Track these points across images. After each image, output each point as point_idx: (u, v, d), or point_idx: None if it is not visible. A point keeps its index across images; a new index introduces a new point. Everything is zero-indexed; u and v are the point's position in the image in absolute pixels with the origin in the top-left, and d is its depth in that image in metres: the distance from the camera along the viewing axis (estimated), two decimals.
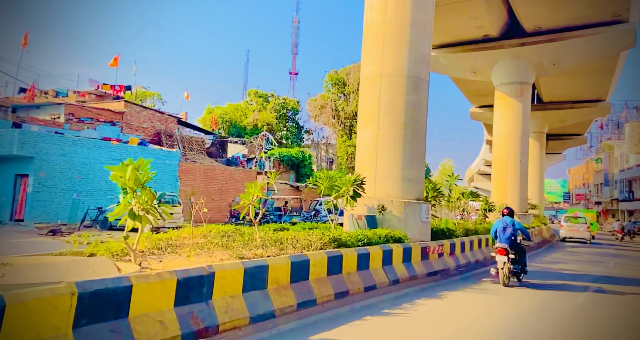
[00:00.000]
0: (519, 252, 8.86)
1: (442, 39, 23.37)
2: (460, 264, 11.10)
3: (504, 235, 8.84)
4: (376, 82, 10.27)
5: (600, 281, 10.37)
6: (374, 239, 8.23)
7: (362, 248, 7.53)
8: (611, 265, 13.97)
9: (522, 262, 8.91)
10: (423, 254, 9.50)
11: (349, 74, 41.26)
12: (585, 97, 33.26)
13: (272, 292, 5.20)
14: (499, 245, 8.77)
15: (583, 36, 21.12)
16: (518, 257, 8.80)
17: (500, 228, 8.97)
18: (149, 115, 22.31)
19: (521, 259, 8.87)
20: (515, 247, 8.82)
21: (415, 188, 10.37)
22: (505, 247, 8.64)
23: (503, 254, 8.54)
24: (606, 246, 24.31)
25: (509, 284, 8.62)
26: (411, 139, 10.26)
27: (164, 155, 20.17)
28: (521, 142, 22.81)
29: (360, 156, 10.62)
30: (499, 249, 8.65)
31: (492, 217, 21.06)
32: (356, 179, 9.02)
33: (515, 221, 9.08)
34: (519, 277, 9.01)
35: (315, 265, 6.15)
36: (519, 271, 8.90)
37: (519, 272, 8.91)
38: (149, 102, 49.15)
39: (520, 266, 8.88)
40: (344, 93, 41.37)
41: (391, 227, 9.81)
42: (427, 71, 10.65)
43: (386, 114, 10.15)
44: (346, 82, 40.97)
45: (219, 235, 6.52)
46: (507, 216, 9.17)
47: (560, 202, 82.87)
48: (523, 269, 8.97)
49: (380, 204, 9.81)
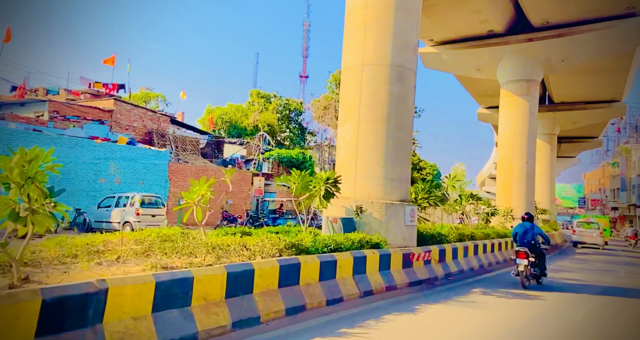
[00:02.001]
0: (539, 256, 9.21)
1: (445, 35, 22.39)
2: (451, 272, 10.10)
3: (524, 239, 9.20)
4: (357, 71, 9.39)
5: (607, 293, 9.27)
6: (345, 245, 7.32)
7: (327, 255, 6.63)
8: (622, 274, 12.78)
9: (542, 265, 9.31)
10: (405, 261, 8.55)
11: None
12: (599, 98, 31.82)
13: (198, 311, 4.34)
14: (520, 248, 9.02)
15: (594, 30, 19.91)
16: (538, 261, 9.18)
17: (521, 232, 9.31)
18: (140, 114, 21.75)
19: (541, 262, 9.28)
20: (535, 251, 9.12)
21: (400, 188, 9.43)
22: (525, 250, 8.91)
23: (523, 257, 8.84)
24: (619, 252, 23.10)
25: (527, 286, 8.90)
26: (395, 134, 9.34)
27: (153, 154, 19.54)
28: (528, 143, 21.62)
29: (340, 153, 9.74)
30: (520, 252, 8.92)
31: (495, 221, 19.95)
32: (329, 177, 8.14)
33: (535, 225, 9.43)
34: (538, 279, 9.36)
35: (263, 276, 5.28)
36: (538, 274, 9.27)
37: (538, 274, 9.28)
38: (152, 103, 48.99)
39: (540, 269, 9.27)
40: None
41: (371, 231, 8.89)
42: (414, 60, 9.73)
43: (367, 107, 9.26)
44: None
45: (159, 240, 5.68)
46: (527, 221, 9.52)
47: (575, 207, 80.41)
48: (543, 271, 9.34)
49: (358, 206, 8.90)
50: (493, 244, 13.47)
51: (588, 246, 25.13)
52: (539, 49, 21.15)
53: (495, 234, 14.59)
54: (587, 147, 50.52)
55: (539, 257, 9.22)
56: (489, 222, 17.68)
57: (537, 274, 9.21)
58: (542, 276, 9.35)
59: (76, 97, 23.37)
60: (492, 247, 13.41)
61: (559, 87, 29.98)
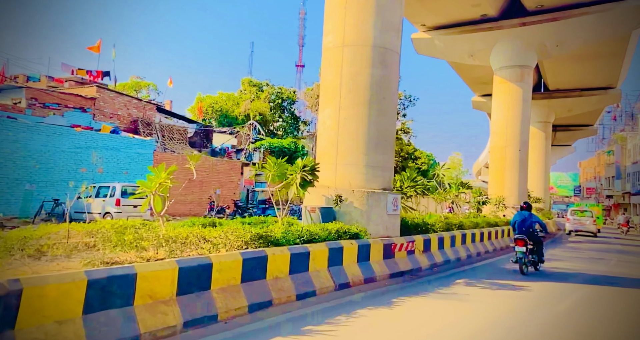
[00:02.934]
0: (537, 243, 9.52)
1: (437, 19, 21.79)
2: (437, 263, 9.78)
3: (522, 227, 9.44)
4: (337, 53, 8.91)
5: (596, 282, 9.00)
6: (321, 235, 6.95)
7: (299, 247, 6.25)
8: (613, 262, 12.53)
9: (540, 252, 9.61)
10: (386, 251, 8.20)
11: None
12: (594, 84, 31.38)
13: (142, 311, 3.95)
14: (518, 236, 9.27)
15: (589, 14, 19.37)
16: (535, 248, 9.47)
17: (519, 221, 9.57)
18: (125, 101, 21.14)
19: (538, 249, 9.56)
20: (533, 238, 9.44)
21: (382, 176, 9.03)
22: (524, 238, 9.19)
23: (522, 245, 9.12)
24: (612, 240, 23.05)
25: (526, 273, 9.20)
26: (377, 119, 8.90)
27: (137, 143, 19.02)
28: (521, 130, 21.23)
29: (321, 140, 9.31)
30: (518, 240, 9.19)
31: (487, 210, 19.67)
32: (306, 164, 7.73)
33: (533, 214, 9.69)
34: (536, 266, 9.69)
35: (223, 270, 4.90)
36: (536, 261, 9.59)
37: (536, 261, 9.59)
38: (144, 92, 48.16)
39: (538, 256, 9.56)
40: None
41: (352, 220, 8.52)
42: (398, 41, 9.24)
43: (348, 90, 8.80)
44: None
45: (112, 233, 5.27)
46: (525, 210, 9.80)
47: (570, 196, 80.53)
48: (540, 258, 9.65)
49: (337, 195, 8.51)
50: (482, 233, 13.17)
51: (582, 234, 25.42)
52: (533, 34, 20.61)
53: (485, 223, 14.28)
54: (582, 135, 50.27)
55: (537, 245, 9.53)
56: (480, 211, 17.39)
57: (534, 260, 9.55)
58: (539, 263, 9.69)
59: (59, 84, 22.71)
60: (482, 236, 13.11)
61: (554, 73, 29.48)
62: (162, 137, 22.68)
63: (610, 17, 19.36)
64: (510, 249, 14.72)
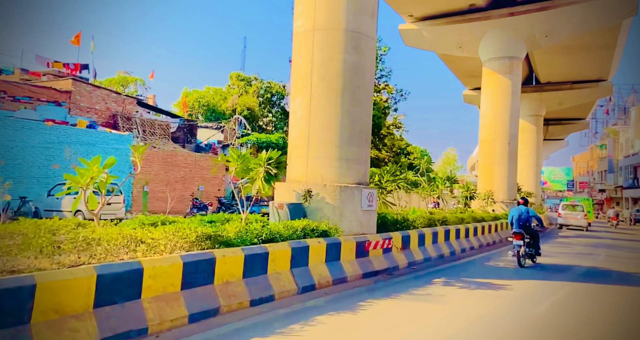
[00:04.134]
0: (533, 237, 9.88)
1: (425, 10, 21.20)
2: (416, 261, 9.28)
3: (519, 222, 9.75)
4: (308, 38, 8.32)
5: (581, 279, 8.56)
6: (284, 234, 6.40)
7: (256, 247, 5.70)
8: (601, 258, 12.12)
9: (536, 245, 9.94)
10: (359, 250, 7.67)
11: None
12: (585, 77, 31.02)
13: (44, 329, 3.36)
14: (516, 230, 9.63)
15: (578, 3, 18.90)
16: (532, 241, 9.83)
17: (516, 215, 9.84)
18: (103, 95, 20.36)
19: (535, 242, 9.89)
20: (530, 232, 9.81)
21: (356, 169, 8.49)
22: (521, 232, 9.54)
23: (519, 239, 9.49)
24: (602, 234, 22.88)
25: (524, 265, 9.55)
26: (351, 109, 8.34)
27: (114, 138, 18.33)
28: (510, 123, 20.76)
29: (292, 132, 8.74)
30: (515, 234, 9.57)
31: (475, 205, 19.24)
32: (271, 157, 7.16)
33: (530, 209, 9.99)
34: (533, 259, 9.97)
35: (157, 276, 4.33)
36: (533, 253, 9.91)
37: (533, 254, 9.92)
38: (131, 87, 47.22)
39: (534, 249, 9.91)
40: None
41: (323, 217, 7.99)
42: (373, 26, 8.66)
43: (320, 78, 8.23)
44: None
45: (31, 235, 4.65)
46: (522, 205, 10.11)
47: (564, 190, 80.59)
48: (537, 251, 9.99)
49: (306, 189, 7.96)
50: (468, 229, 12.68)
51: (573, 228, 25.54)
52: (521, 24, 20.10)
53: (471, 218, 13.81)
54: (574, 129, 50.04)
55: (534, 238, 9.89)
56: (467, 206, 16.95)
57: (532, 253, 9.87)
58: (536, 255, 10.02)
59: (36, 78, 21.89)
60: (467, 232, 12.63)
61: (544, 66, 29.06)
62: (143, 132, 21.96)
63: (599, 7, 18.90)
64: (498, 245, 14.34)
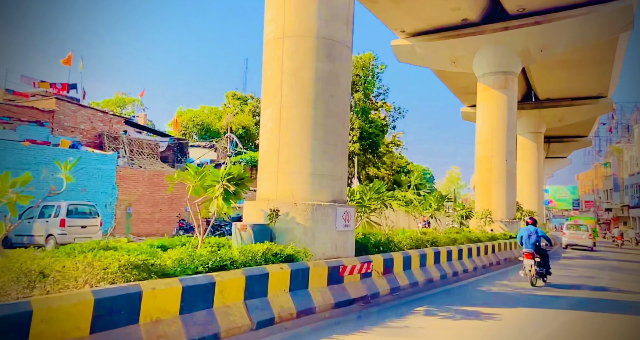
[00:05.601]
0: (543, 257, 9.97)
1: (417, 25, 20.95)
2: (400, 287, 8.45)
3: (529, 242, 9.90)
4: (277, 45, 7.81)
5: (580, 306, 7.71)
6: (240, 259, 5.67)
7: (199, 277, 4.96)
8: (604, 282, 11.20)
9: (546, 264, 10.06)
10: (333, 276, 6.90)
11: None
12: (585, 93, 30.57)
13: None
14: (526, 250, 9.85)
15: (573, 17, 18.54)
16: (542, 261, 9.92)
17: (526, 235, 10.02)
18: (89, 115, 20.00)
19: (545, 262, 10.00)
20: (539, 252, 9.91)
21: (331, 186, 7.81)
22: (531, 252, 9.75)
23: (530, 258, 9.70)
24: (607, 254, 21.96)
25: (535, 285, 9.64)
26: (324, 121, 7.74)
27: (97, 158, 17.79)
28: (507, 139, 20.12)
29: (262, 146, 8.11)
30: (526, 254, 9.80)
31: (473, 224, 18.38)
32: (230, 173, 6.51)
33: (539, 229, 10.17)
34: (543, 278, 10.06)
35: (53, 320, 3.54)
36: (544, 273, 10.00)
37: (544, 273, 10.00)
38: (128, 108, 47.27)
39: (545, 268, 9.99)
40: None
41: (294, 239, 7.26)
42: (348, 34, 8.16)
43: (290, 88, 7.66)
44: None
45: None
46: (531, 225, 10.26)
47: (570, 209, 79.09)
48: (547, 271, 10.07)
49: (273, 209, 7.25)
50: (461, 250, 11.83)
51: (577, 248, 25.07)
52: (516, 38, 19.75)
53: (465, 239, 12.97)
54: (577, 147, 49.32)
55: (543, 258, 9.94)
56: (463, 225, 16.12)
57: (542, 272, 9.92)
58: (546, 275, 10.04)
59: (23, 98, 21.61)
60: (460, 253, 11.77)
61: (543, 82, 28.66)
62: (131, 152, 21.47)
63: (594, 21, 18.53)
64: (495, 267, 13.47)
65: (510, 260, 15.55)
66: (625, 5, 17.78)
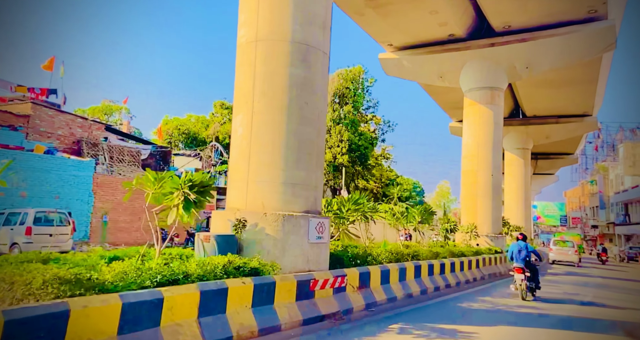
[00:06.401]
0: (533, 271, 10.21)
1: (404, 39, 21.02)
2: (377, 302, 8.05)
3: (519, 257, 10.15)
4: (250, 49, 7.54)
5: (560, 326, 7.37)
6: (195, 273, 5.25)
7: (144, 292, 4.54)
8: (587, 300, 10.90)
9: (536, 279, 10.29)
10: (302, 290, 6.49)
11: None
12: (571, 112, 30.99)
13: None
14: (517, 265, 10.09)
15: (557, 35, 18.75)
16: (532, 276, 10.16)
17: (516, 251, 10.27)
18: (67, 120, 19.47)
19: (534, 277, 10.25)
20: (529, 267, 10.15)
21: (304, 196, 7.46)
22: (522, 266, 10.00)
23: (520, 273, 9.96)
24: (592, 271, 21.89)
25: (525, 299, 9.85)
26: (298, 128, 7.43)
27: (73, 165, 17.23)
28: (493, 154, 20.05)
29: (233, 153, 7.77)
30: (517, 269, 10.05)
31: (458, 238, 18.10)
32: (191, 179, 6.13)
33: (528, 245, 10.41)
34: (533, 292, 10.26)
35: None
36: (533, 287, 10.22)
37: (533, 288, 10.23)
38: (115, 116, 46.65)
39: (534, 283, 10.23)
40: None
41: (262, 251, 6.87)
42: (324, 39, 7.93)
43: (262, 93, 7.37)
44: None
45: None
46: (521, 241, 10.49)
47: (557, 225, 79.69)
48: (537, 285, 10.33)
49: (239, 219, 6.87)
50: (443, 265, 11.49)
51: (564, 264, 25.46)
52: (502, 55, 19.88)
53: (448, 253, 12.64)
54: (563, 164, 49.84)
55: (533, 273, 10.19)
56: (448, 239, 15.82)
57: (532, 287, 10.14)
58: (536, 289, 10.28)
59: (1, 103, 21.04)
60: (442, 267, 11.43)
61: (529, 99, 28.95)
62: (110, 159, 20.92)
63: (578, 40, 18.75)
64: (479, 282, 13.14)
65: (495, 276, 15.23)
66: (608, 26, 18.04)
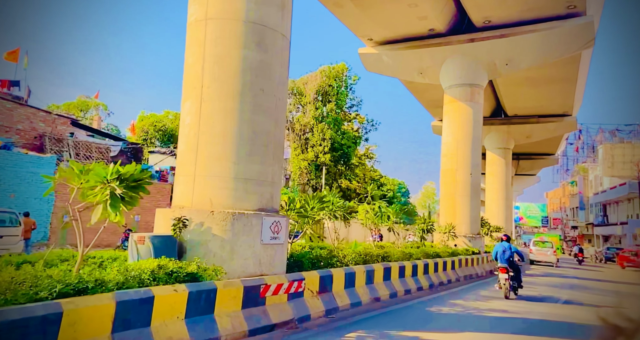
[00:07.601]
0: (516, 271, 10.58)
1: (384, 34, 20.50)
2: (339, 307, 7.43)
3: (503, 257, 10.55)
4: (200, 28, 6.83)
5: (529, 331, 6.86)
6: (114, 280, 4.53)
7: (37, 306, 3.80)
8: (561, 302, 10.51)
9: (518, 278, 10.62)
10: (250, 297, 5.82)
11: (306, 84, 38.36)
12: (551, 111, 31.03)
13: None
14: (500, 265, 10.50)
15: (537, 31, 18.47)
16: (515, 275, 10.50)
17: (500, 251, 10.67)
18: (28, 114, 18.37)
19: (517, 276, 10.58)
20: (513, 267, 10.53)
21: (259, 192, 6.79)
22: (505, 266, 10.40)
23: (504, 272, 10.35)
24: (569, 272, 21.96)
25: (509, 297, 10.19)
26: (253, 117, 6.76)
27: (30, 161, 16.20)
28: (472, 152, 19.67)
29: (180, 145, 7.05)
30: (501, 268, 10.45)
31: (436, 239, 17.65)
32: (119, 170, 5.41)
33: (512, 245, 10.83)
34: (515, 291, 10.60)
35: None
36: (516, 286, 10.56)
37: (516, 287, 10.56)
38: (92, 112, 45.11)
39: (517, 282, 10.57)
40: (301, 104, 38.29)
41: (208, 253, 6.17)
42: (284, 20, 7.27)
43: (213, 78, 6.67)
44: (303, 92, 37.93)
45: None
46: (505, 241, 10.90)
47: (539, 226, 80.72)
48: (519, 284, 10.66)
49: (179, 217, 6.16)
50: (416, 266, 10.94)
51: (542, 264, 25.60)
52: (482, 51, 19.52)
53: (422, 254, 12.11)
54: (545, 164, 50.22)
55: (516, 272, 10.55)
56: (424, 239, 15.30)
57: (515, 286, 10.47)
58: (518, 288, 10.61)
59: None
60: (415, 269, 10.87)
61: (510, 98, 28.80)
62: (77, 156, 19.85)
63: (558, 36, 18.52)
64: (454, 284, 12.66)
65: (472, 277, 14.80)
66: (587, 22, 17.83)
